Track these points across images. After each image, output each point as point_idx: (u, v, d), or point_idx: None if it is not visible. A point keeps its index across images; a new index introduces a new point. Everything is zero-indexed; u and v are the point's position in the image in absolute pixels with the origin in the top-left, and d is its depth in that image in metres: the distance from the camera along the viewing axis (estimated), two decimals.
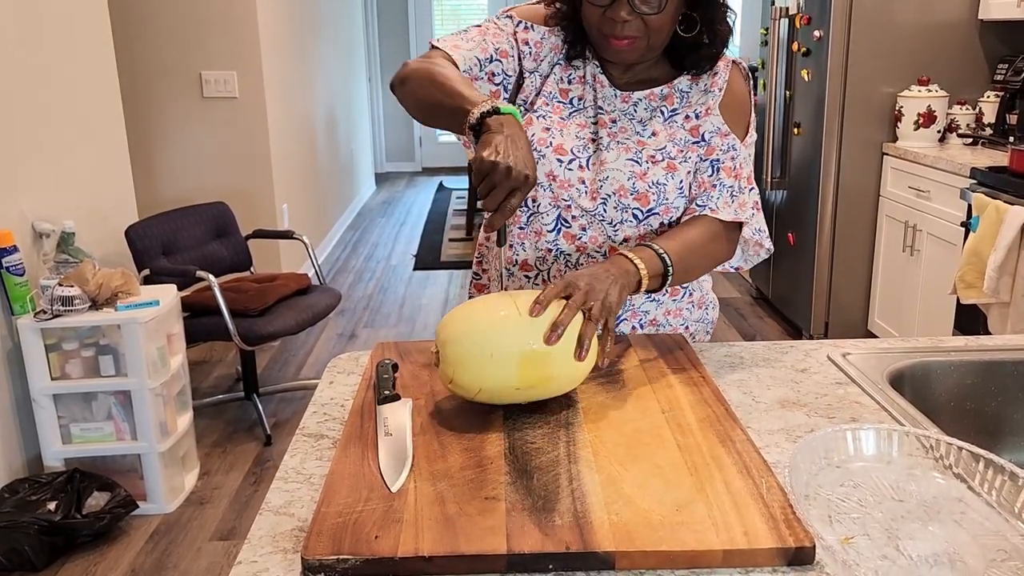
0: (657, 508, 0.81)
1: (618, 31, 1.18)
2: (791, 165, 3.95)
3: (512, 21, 1.31)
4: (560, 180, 1.28)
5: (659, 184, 1.26)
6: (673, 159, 1.27)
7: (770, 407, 1.09)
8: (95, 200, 2.99)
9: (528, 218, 1.32)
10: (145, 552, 2.42)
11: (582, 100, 1.30)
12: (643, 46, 1.20)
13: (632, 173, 1.26)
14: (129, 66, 3.87)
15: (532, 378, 0.98)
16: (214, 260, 3.30)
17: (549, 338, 0.97)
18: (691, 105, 1.30)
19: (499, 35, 1.28)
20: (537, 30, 1.30)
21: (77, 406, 2.52)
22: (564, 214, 1.29)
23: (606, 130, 1.29)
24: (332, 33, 6.13)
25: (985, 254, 2.67)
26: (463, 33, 1.29)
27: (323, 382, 1.19)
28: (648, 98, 1.30)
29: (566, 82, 1.30)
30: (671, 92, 1.30)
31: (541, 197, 1.29)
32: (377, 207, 7.35)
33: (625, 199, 1.27)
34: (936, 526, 0.82)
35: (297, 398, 3.45)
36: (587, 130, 1.29)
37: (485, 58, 1.26)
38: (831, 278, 3.72)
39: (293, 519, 0.85)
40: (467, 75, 1.22)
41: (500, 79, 1.28)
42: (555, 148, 1.27)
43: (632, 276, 1.10)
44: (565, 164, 1.27)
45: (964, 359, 1.24)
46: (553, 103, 1.29)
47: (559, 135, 1.28)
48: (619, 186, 1.27)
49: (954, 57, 3.47)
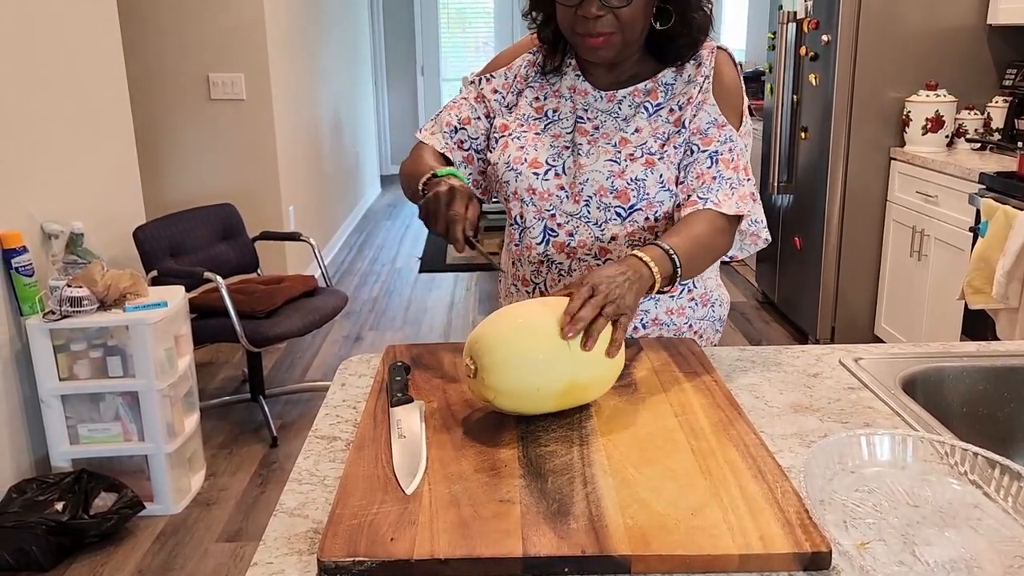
0: (672, 512, 0.81)
1: (591, 28, 1.20)
2: (798, 169, 3.95)
3: (475, 85, 1.42)
4: (539, 192, 1.32)
5: (638, 180, 1.28)
6: (652, 154, 1.29)
7: (783, 411, 1.09)
8: (104, 201, 3.00)
9: (520, 235, 1.37)
10: (152, 553, 2.42)
11: (557, 112, 1.35)
12: (618, 41, 1.22)
13: (610, 172, 1.29)
14: (137, 68, 3.88)
15: (568, 402, 1.00)
16: (221, 262, 3.30)
17: (587, 344, 0.98)
18: (675, 97, 1.31)
19: (463, 105, 1.42)
20: (498, 74, 1.40)
21: (85, 407, 2.53)
22: (550, 223, 1.33)
23: (586, 137, 1.32)
24: (338, 36, 6.14)
25: (994, 259, 2.66)
26: (436, 117, 1.45)
27: (335, 384, 1.19)
28: (632, 95, 1.32)
29: (542, 99, 1.37)
30: (655, 86, 1.31)
31: (526, 212, 1.34)
32: (382, 209, 7.36)
33: (606, 198, 1.29)
34: (952, 532, 0.81)
35: (303, 400, 3.45)
36: (562, 139, 1.33)
37: (450, 131, 1.42)
38: (838, 283, 3.72)
39: (308, 521, 0.85)
40: (446, 148, 1.41)
41: (468, 144, 1.42)
42: (530, 163, 1.32)
43: (647, 280, 1.11)
44: (542, 176, 1.32)
45: (977, 364, 1.24)
46: (528, 122, 1.36)
47: (533, 150, 1.33)
48: (599, 186, 1.29)
49: (962, 62, 3.47)
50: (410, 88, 8.80)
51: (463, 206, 1.13)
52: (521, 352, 0.97)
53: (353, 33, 6.86)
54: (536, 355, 0.97)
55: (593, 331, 0.99)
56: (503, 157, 1.34)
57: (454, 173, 1.22)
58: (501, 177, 1.35)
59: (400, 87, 8.80)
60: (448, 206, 1.13)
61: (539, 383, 0.96)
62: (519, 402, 0.98)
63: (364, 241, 6.21)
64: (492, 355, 0.97)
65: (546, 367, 0.96)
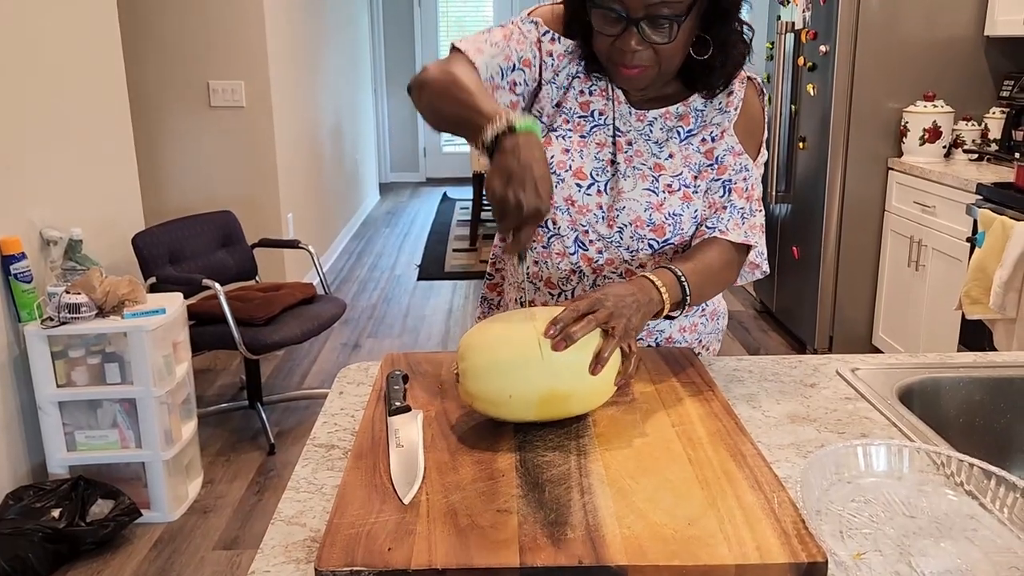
0: (669, 522, 0.81)
1: (628, 60, 1.15)
2: (796, 179, 3.96)
3: (537, 28, 1.26)
4: (579, 205, 1.27)
5: (675, 216, 1.26)
6: (688, 187, 1.26)
7: (780, 422, 1.09)
8: (103, 208, 3.00)
9: (549, 239, 1.31)
10: (148, 560, 2.42)
11: (603, 115, 1.27)
12: (654, 74, 1.18)
13: (649, 204, 1.25)
14: (137, 75, 3.89)
15: (551, 412, 0.99)
16: (220, 269, 3.31)
17: (557, 345, 0.96)
18: (707, 127, 1.28)
19: (523, 42, 1.24)
20: (563, 43, 1.26)
21: (82, 413, 2.53)
22: (582, 237, 1.29)
23: (623, 154, 1.27)
24: (338, 43, 6.16)
25: (991, 270, 2.67)
26: (486, 35, 1.23)
27: (333, 392, 1.19)
28: (664, 117, 1.27)
29: (587, 94, 1.27)
30: (687, 111, 1.28)
31: (560, 220, 1.28)
32: (381, 217, 7.36)
33: (641, 230, 1.26)
34: (948, 543, 0.82)
35: (301, 407, 3.45)
36: (606, 150, 1.27)
37: (508, 66, 1.22)
38: (836, 292, 3.72)
39: (305, 529, 0.86)
40: (488, 82, 1.19)
41: (521, 88, 1.25)
42: (575, 172, 1.26)
43: (655, 305, 1.09)
44: (584, 189, 1.26)
45: (973, 375, 1.24)
46: (574, 119, 1.27)
47: (579, 157, 1.26)
48: (635, 217, 1.26)
49: (960, 73, 3.48)
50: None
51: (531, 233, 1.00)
52: (494, 358, 0.97)
53: (353, 40, 6.88)
54: (508, 361, 0.96)
55: (571, 334, 0.96)
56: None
57: (534, 130, 1.02)
58: None
59: (400, 94, 8.81)
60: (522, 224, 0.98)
61: (511, 390, 0.96)
62: (496, 408, 0.98)
63: (363, 248, 6.21)
64: (469, 360, 0.99)
65: (520, 375, 0.96)
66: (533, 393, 0.96)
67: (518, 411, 0.98)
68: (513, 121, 1.01)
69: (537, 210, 0.97)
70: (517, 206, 0.96)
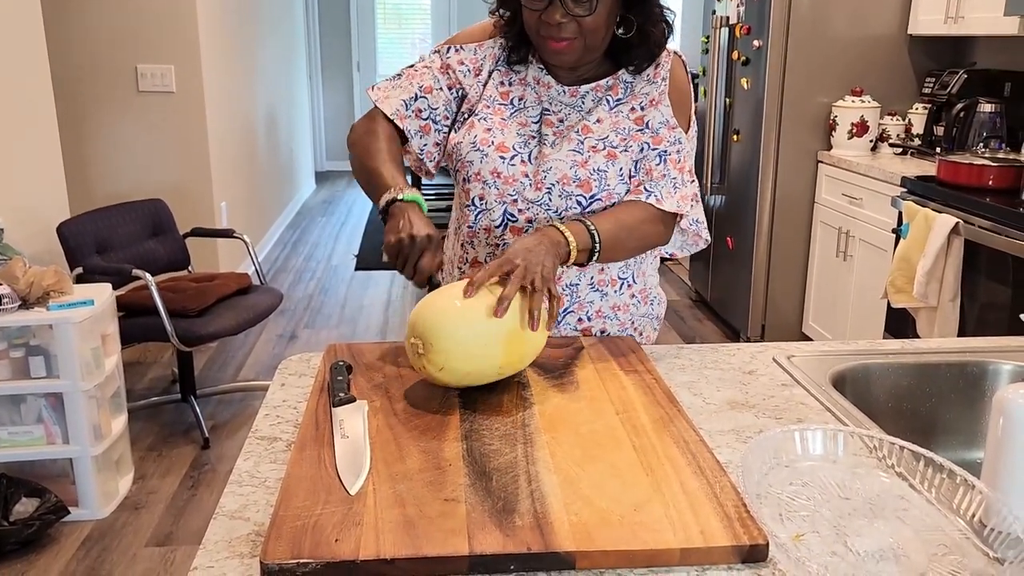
0: (615, 508, 0.83)
1: (555, 33, 1.25)
2: (730, 171, 4.04)
3: (440, 55, 1.40)
4: (504, 176, 1.33)
5: (600, 171, 1.32)
6: (615, 147, 1.33)
7: (720, 408, 1.12)
8: (25, 196, 2.88)
9: (476, 216, 1.37)
10: (77, 559, 2.34)
11: (523, 100, 1.37)
12: (580, 47, 1.26)
13: (574, 162, 1.32)
14: (62, 58, 3.74)
15: (513, 355, 1.07)
16: (150, 259, 3.21)
17: (496, 311, 1.05)
18: (636, 96, 1.36)
19: (425, 73, 1.39)
20: (467, 48, 1.39)
21: (5, 409, 2.43)
22: (511, 208, 1.35)
23: (552, 128, 1.35)
24: (273, 30, 6.03)
25: (915, 260, 2.77)
26: (395, 80, 1.42)
27: (274, 384, 1.17)
28: (594, 90, 1.36)
29: (506, 85, 1.38)
30: (616, 83, 1.36)
31: (487, 194, 1.35)
32: (317, 206, 7.25)
33: (568, 187, 1.32)
34: (881, 523, 0.85)
35: (236, 400, 3.38)
36: (529, 128, 1.36)
37: (410, 98, 1.38)
38: (768, 282, 3.82)
39: (249, 523, 0.84)
40: (396, 115, 1.36)
41: (427, 113, 1.38)
42: (497, 146, 1.34)
43: (562, 247, 1.19)
44: (508, 160, 1.34)
45: (901, 362, 1.29)
46: (494, 106, 1.37)
47: (500, 134, 1.35)
48: (562, 175, 1.32)
49: (885, 70, 3.60)
50: (346, 84, 8.70)
51: (432, 257, 1.16)
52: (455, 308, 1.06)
53: (289, 28, 6.74)
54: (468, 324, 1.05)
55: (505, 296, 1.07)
56: (468, 137, 1.35)
57: (418, 201, 1.22)
58: (464, 156, 1.35)
59: (336, 83, 8.68)
60: (420, 255, 1.15)
61: (480, 334, 1.05)
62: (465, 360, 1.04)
63: (298, 238, 6.11)
64: (433, 323, 1.04)
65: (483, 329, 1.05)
66: (501, 331, 1.05)
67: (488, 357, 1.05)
68: (400, 194, 1.21)
69: (427, 235, 1.15)
70: (410, 239, 1.14)
